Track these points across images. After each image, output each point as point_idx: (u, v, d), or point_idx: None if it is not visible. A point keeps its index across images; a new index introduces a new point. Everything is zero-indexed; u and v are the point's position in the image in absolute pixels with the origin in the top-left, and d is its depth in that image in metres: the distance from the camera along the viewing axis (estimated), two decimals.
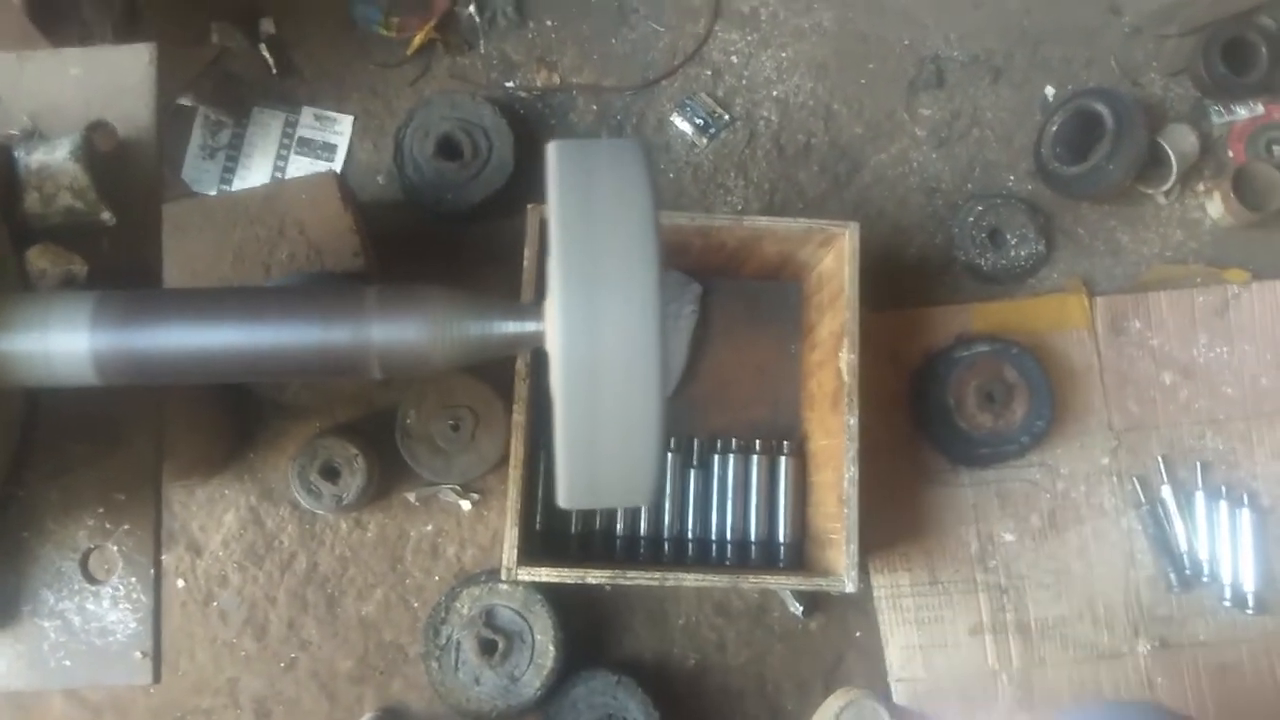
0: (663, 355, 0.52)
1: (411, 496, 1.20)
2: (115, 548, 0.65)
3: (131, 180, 0.71)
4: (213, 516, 1.18)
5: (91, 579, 0.65)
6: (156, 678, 0.63)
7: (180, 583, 1.16)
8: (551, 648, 1.12)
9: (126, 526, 0.64)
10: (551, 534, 1.15)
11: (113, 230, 0.68)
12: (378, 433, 1.17)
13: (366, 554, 1.19)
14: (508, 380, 1.04)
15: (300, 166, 1.24)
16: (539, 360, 0.98)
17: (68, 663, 0.64)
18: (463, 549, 1.21)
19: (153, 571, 0.63)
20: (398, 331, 0.53)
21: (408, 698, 1.17)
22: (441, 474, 1.17)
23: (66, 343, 0.52)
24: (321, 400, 1.17)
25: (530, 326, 0.55)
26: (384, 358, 0.53)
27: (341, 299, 0.53)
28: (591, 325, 0.50)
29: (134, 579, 0.64)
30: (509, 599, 1.14)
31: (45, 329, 0.52)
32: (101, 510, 0.65)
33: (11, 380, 0.52)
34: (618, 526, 1.16)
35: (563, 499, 0.55)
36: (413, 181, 1.22)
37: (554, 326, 0.51)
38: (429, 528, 1.21)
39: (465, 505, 1.21)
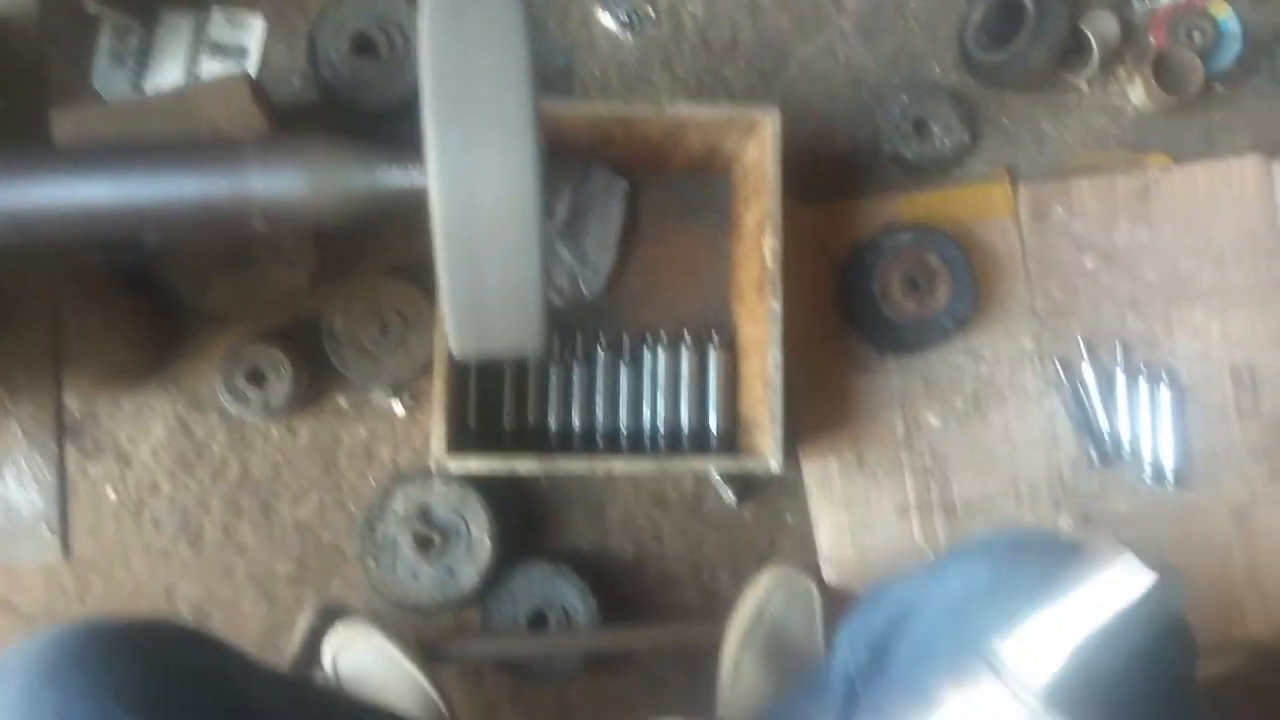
0: (542, 200, 0.52)
1: (343, 401, 1.20)
2: (17, 427, 0.64)
3: (16, 63, 0.69)
4: (140, 426, 1.17)
5: None
6: (65, 553, 0.63)
7: (111, 493, 1.16)
8: (488, 540, 1.14)
9: (28, 406, 0.63)
10: (485, 432, 1.16)
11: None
12: (304, 338, 1.17)
13: (299, 459, 1.19)
14: (434, 281, 1.03)
15: (212, 70, 1.21)
16: None
17: None
18: (397, 451, 1.21)
19: (56, 450, 0.63)
20: (278, 181, 0.53)
21: (347, 596, 1.18)
22: (371, 377, 1.17)
23: None
24: (246, 307, 1.15)
25: (418, 177, 0.54)
26: (267, 209, 0.53)
27: (219, 150, 0.52)
28: (467, 170, 0.50)
29: (37, 457, 0.64)
30: (444, 496, 1.15)
31: None
32: (2, 388, 0.64)
33: None
34: (550, 422, 1.17)
35: (454, 348, 0.55)
36: (329, 82, 1.19)
37: (430, 174, 0.50)
38: (362, 432, 1.21)
39: (398, 408, 1.21)
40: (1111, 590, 0.56)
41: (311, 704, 0.72)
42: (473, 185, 0.49)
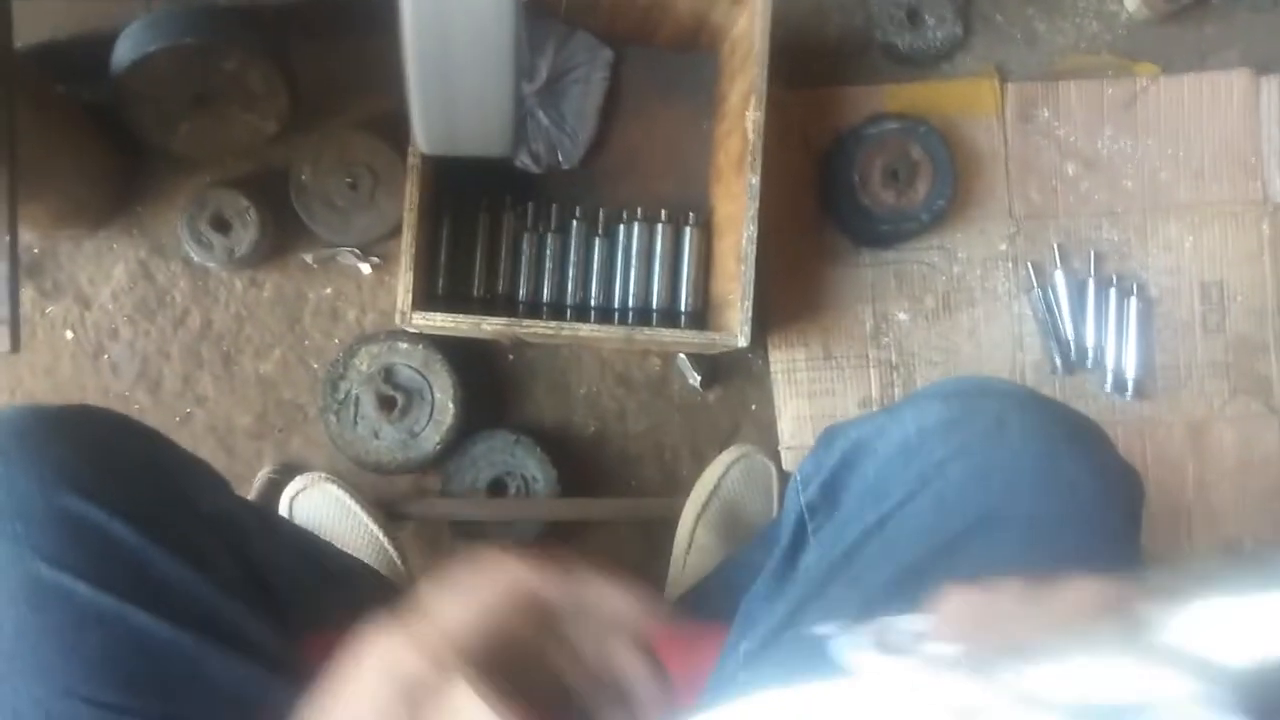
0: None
1: (309, 258, 1.18)
2: None
3: None
4: (101, 269, 1.15)
5: None
6: (15, 347, 0.61)
7: (69, 334, 1.14)
8: (451, 405, 1.13)
9: None
10: (454, 297, 1.14)
11: None
12: (271, 188, 1.14)
13: (263, 314, 1.18)
14: (406, 138, 1.01)
15: None
16: None
17: None
18: (363, 313, 1.20)
19: (8, 239, 0.61)
20: None
21: (307, 453, 1.17)
22: (339, 233, 1.15)
23: None
24: (213, 151, 1.12)
25: None
26: None
27: None
28: None
29: None
30: (408, 357, 1.14)
31: None
32: None
33: None
34: (520, 292, 1.16)
35: (421, 142, 0.54)
36: None
37: None
38: (328, 290, 1.19)
39: (365, 269, 1.19)
40: None
41: (261, 516, 0.72)
42: None
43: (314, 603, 0.68)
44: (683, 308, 1.17)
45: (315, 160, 1.12)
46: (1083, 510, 0.58)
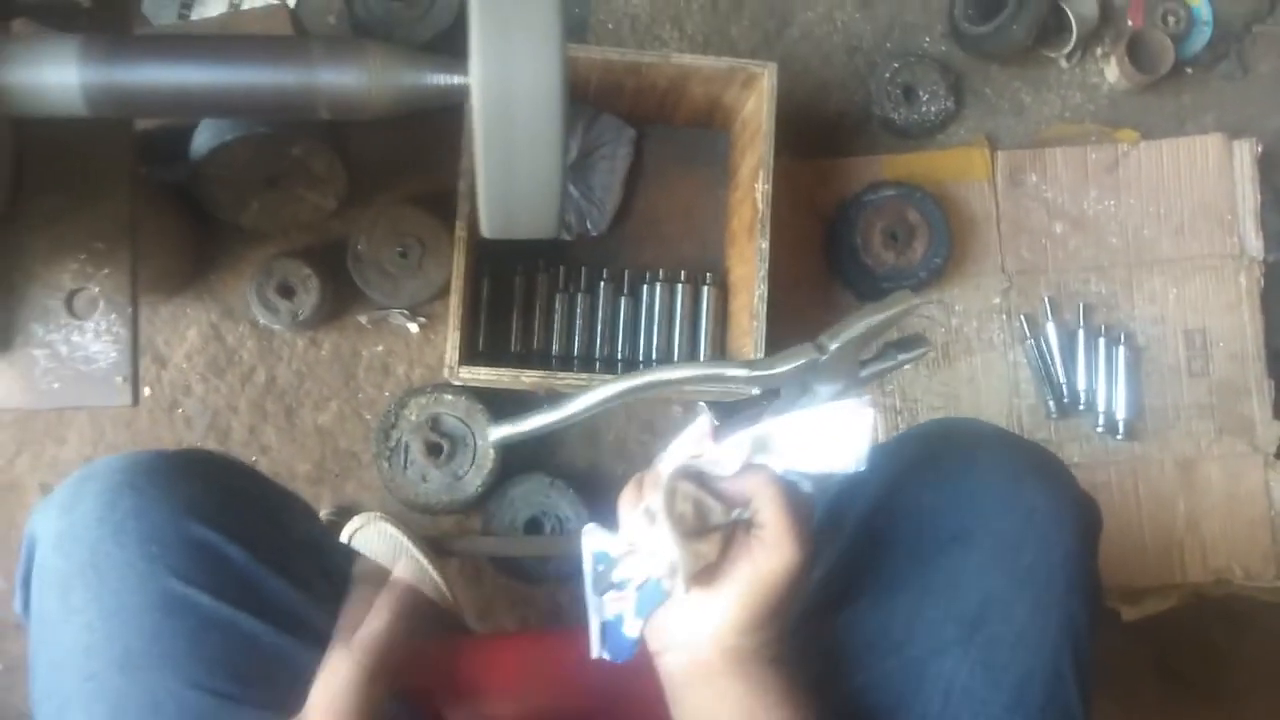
0: (566, 102, 0.62)
1: (363, 319, 1.30)
2: (96, 289, 0.74)
3: None
4: (176, 332, 1.27)
5: (76, 315, 0.75)
6: (135, 400, 0.73)
7: (146, 390, 1.26)
8: (492, 451, 1.24)
9: (106, 271, 0.73)
10: (493, 352, 1.26)
11: (87, 12, 0.76)
12: (330, 258, 1.27)
13: (322, 370, 1.30)
14: (452, 212, 1.13)
15: (254, 2, 1.30)
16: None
17: (57, 385, 0.74)
18: (411, 368, 1.31)
19: (130, 310, 0.73)
20: (340, 77, 0.62)
21: (361, 496, 1.28)
22: (391, 297, 1.27)
23: (58, 76, 0.61)
24: (279, 226, 1.25)
25: (456, 79, 0.64)
26: (330, 100, 0.63)
27: (292, 47, 0.62)
28: (504, 75, 0.60)
29: (114, 316, 0.74)
30: (453, 408, 1.25)
31: (39, 64, 0.60)
32: (84, 256, 0.74)
33: (11, 110, 0.61)
34: (553, 346, 1.28)
35: (484, 228, 0.65)
36: (362, 20, 1.29)
37: (473, 77, 0.60)
38: (380, 348, 1.31)
39: (413, 328, 1.31)
40: None
41: (336, 546, 0.83)
42: (509, 84, 0.59)
43: None
44: (702, 360, 1.28)
45: (370, 232, 1.25)
46: (1040, 530, 0.67)
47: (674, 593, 0.56)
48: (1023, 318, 1.36)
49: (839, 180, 1.37)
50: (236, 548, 0.66)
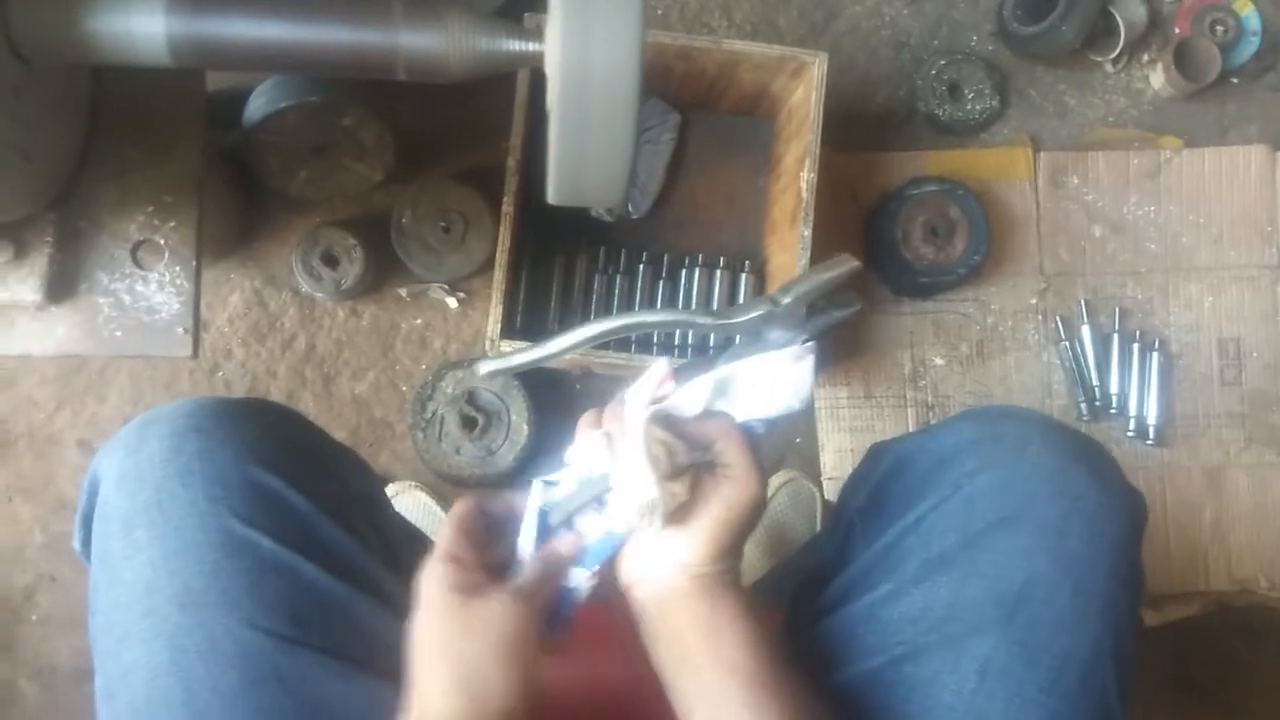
0: (640, 75, 0.62)
1: (403, 291, 1.32)
2: (162, 241, 0.76)
3: None
4: (219, 296, 1.29)
5: (141, 265, 0.76)
6: (195, 352, 0.74)
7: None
8: (525, 427, 1.25)
9: (173, 224, 0.75)
10: (530, 329, 1.27)
11: None
12: (375, 230, 1.28)
13: (361, 340, 1.31)
14: (496, 189, 1.15)
15: None
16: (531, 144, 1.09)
17: (119, 334, 0.76)
18: (448, 342, 1.33)
19: (195, 263, 0.74)
20: (420, 39, 0.64)
21: (394, 466, 1.30)
22: (432, 271, 1.29)
23: (145, 25, 0.62)
24: (326, 196, 1.27)
25: (532, 46, 0.65)
26: (408, 61, 0.64)
27: (373, 7, 0.63)
28: (585, 45, 0.61)
29: (178, 268, 0.75)
30: (489, 383, 1.26)
31: (128, 12, 0.62)
32: (151, 209, 0.75)
33: (99, 57, 0.62)
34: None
35: (551, 195, 0.66)
36: None
37: (554, 46, 0.61)
38: (418, 321, 1.32)
39: (452, 303, 1.32)
40: None
41: (387, 502, 0.84)
42: (589, 50, 0.59)
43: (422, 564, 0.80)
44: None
45: (414, 206, 1.26)
46: (1085, 517, 0.67)
47: (649, 529, 0.62)
48: (1059, 319, 1.37)
49: (881, 173, 1.38)
50: (296, 494, 0.67)
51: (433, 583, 0.61)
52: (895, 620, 0.66)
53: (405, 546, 0.77)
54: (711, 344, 1.28)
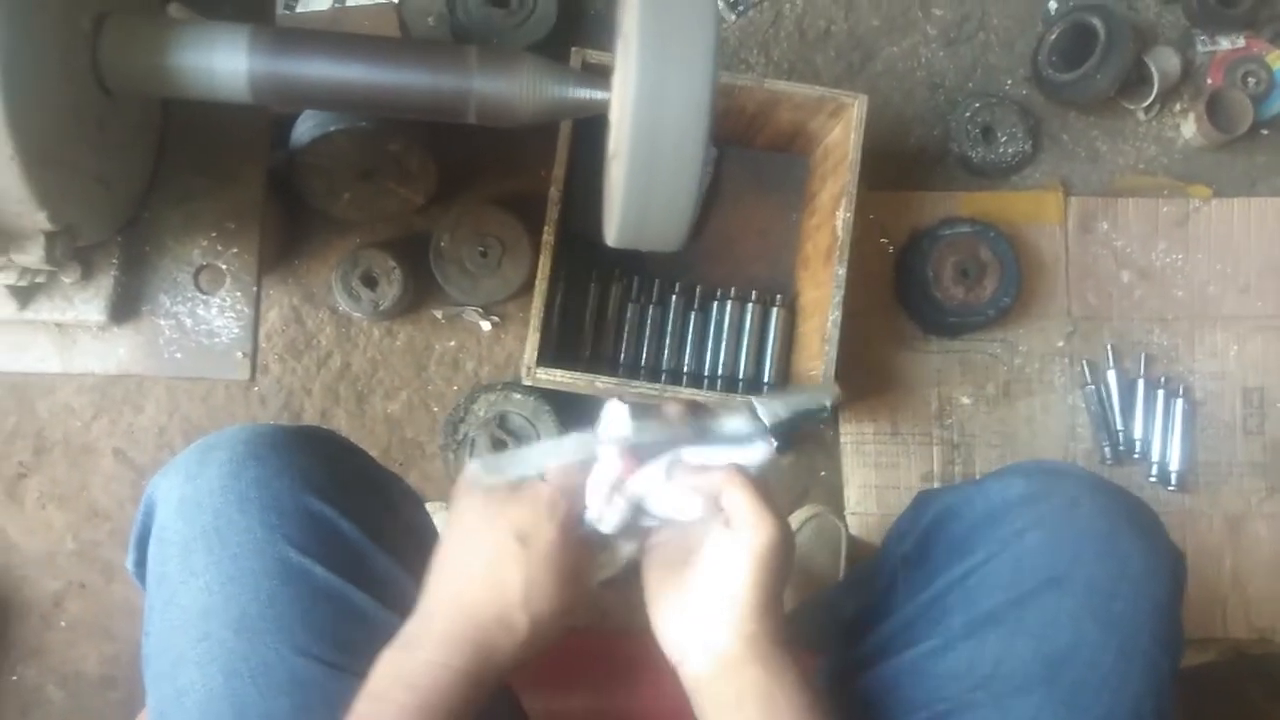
0: (711, 125, 0.64)
1: (439, 313, 1.33)
2: (224, 267, 0.77)
3: None
4: (259, 312, 1.30)
5: (202, 290, 0.78)
6: (253, 376, 0.76)
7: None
8: None
9: (235, 250, 0.76)
10: (563, 356, 1.29)
11: (234, 0, 0.79)
12: (413, 252, 1.29)
13: (395, 360, 1.33)
14: (532, 215, 1.16)
15: (359, 2, 1.34)
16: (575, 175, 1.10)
17: (179, 356, 0.78)
18: (480, 365, 1.34)
19: (255, 289, 0.76)
20: (493, 84, 0.65)
21: (423, 487, 1.31)
22: (467, 294, 1.30)
23: (229, 63, 0.64)
24: (367, 217, 1.28)
25: (599, 95, 0.67)
26: (480, 104, 0.65)
27: (449, 52, 0.65)
28: (658, 94, 0.63)
29: (239, 294, 0.77)
30: (521, 407, 1.28)
31: (212, 50, 0.63)
32: (214, 234, 0.77)
33: (181, 93, 0.64)
34: (622, 355, 1.30)
35: (613, 238, 0.68)
36: (462, 24, 1.32)
37: (625, 94, 0.63)
38: (452, 343, 1.34)
39: (486, 326, 1.34)
40: None
41: (435, 532, 0.85)
42: (661, 101, 0.61)
43: None
44: (766, 379, 1.31)
45: (453, 230, 1.28)
46: (1133, 580, 0.69)
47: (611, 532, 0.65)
48: (1085, 363, 1.38)
49: (912, 212, 1.39)
50: (348, 523, 0.69)
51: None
52: (940, 675, 0.67)
53: None
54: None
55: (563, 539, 0.63)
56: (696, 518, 0.65)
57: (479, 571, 0.63)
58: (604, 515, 0.65)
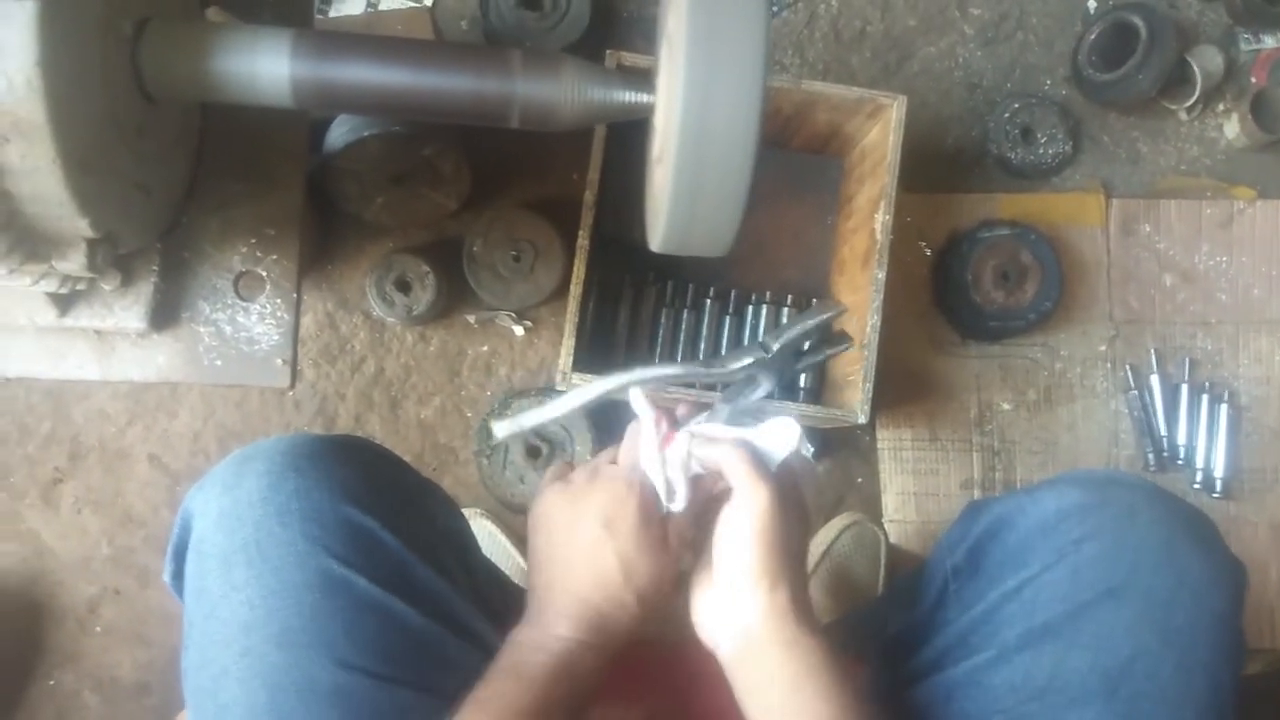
0: (761, 129, 0.63)
1: (471, 318, 1.33)
2: (264, 273, 0.77)
3: None
4: None
5: (242, 296, 0.77)
6: (292, 383, 0.75)
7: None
8: (589, 456, 1.25)
9: (274, 256, 0.76)
10: (596, 360, 1.27)
11: (273, 3, 0.78)
12: (446, 257, 1.29)
13: (428, 365, 1.32)
14: (565, 220, 1.15)
15: (393, 3, 1.34)
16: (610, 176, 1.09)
17: (219, 363, 0.77)
18: (513, 370, 1.33)
19: (295, 295, 0.75)
20: (536, 88, 0.64)
21: (456, 491, 1.30)
22: (501, 299, 1.29)
23: (271, 67, 0.63)
24: (401, 222, 1.28)
25: (644, 98, 0.66)
26: (524, 109, 0.64)
27: (493, 56, 0.64)
28: (707, 97, 0.61)
29: (279, 300, 0.77)
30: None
31: (254, 54, 0.63)
32: (254, 241, 0.77)
33: (222, 97, 0.63)
34: (656, 361, 1.29)
35: (658, 244, 0.67)
36: (495, 28, 1.31)
37: (671, 98, 0.61)
38: (485, 348, 1.33)
39: (519, 331, 1.33)
40: None
41: (474, 540, 0.85)
42: (710, 106, 0.60)
43: (506, 608, 0.80)
44: (802, 384, 1.29)
45: (486, 234, 1.27)
46: (1192, 591, 0.67)
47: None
48: (1128, 367, 1.35)
49: (951, 215, 1.37)
50: (389, 534, 0.68)
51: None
52: (996, 687, 0.65)
53: (491, 588, 0.77)
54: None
55: (644, 515, 0.66)
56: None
57: (578, 564, 0.66)
58: (662, 483, 0.68)
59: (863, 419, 1.14)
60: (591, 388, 0.71)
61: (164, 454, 1.29)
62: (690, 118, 0.60)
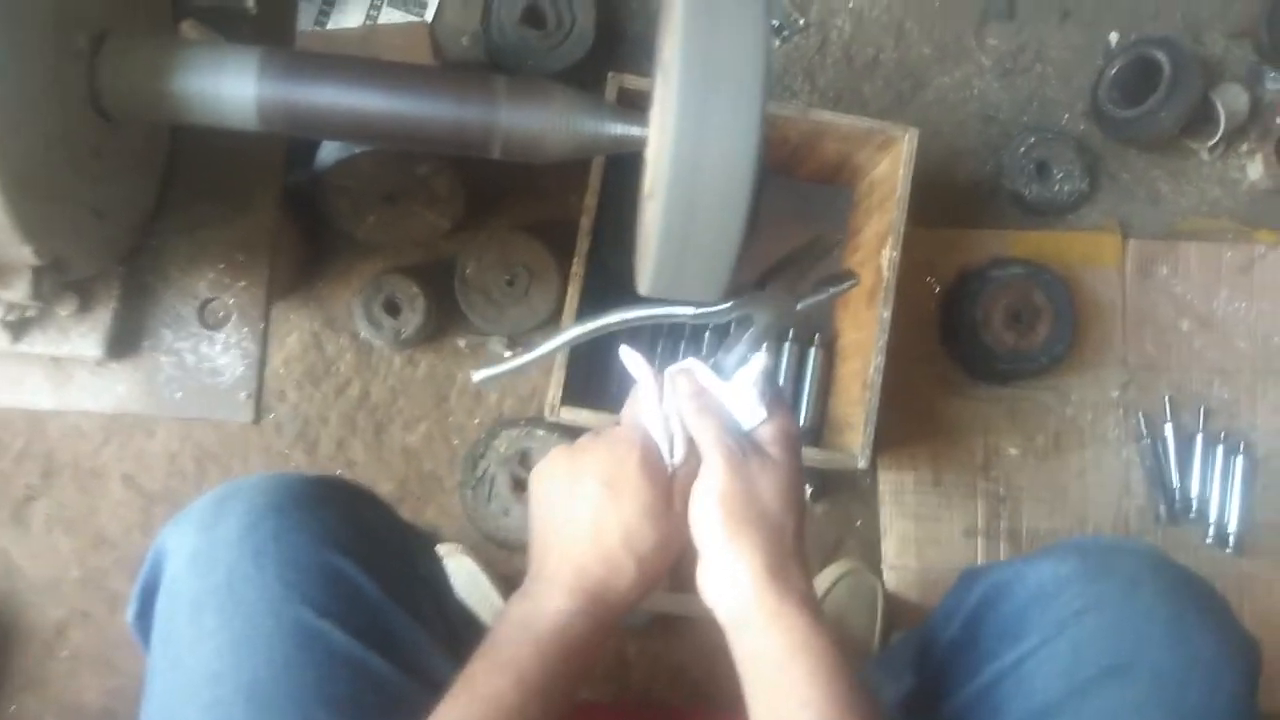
0: (758, 171, 0.58)
1: (462, 342, 1.28)
2: (231, 300, 0.73)
3: None
4: (277, 337, 1.25)
5: (207, 324, 0.73)
6: (257, 418, 0.71)
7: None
8: None
9: (244, 283, 0.72)
10: (588, 391, 1.23)
11: (253, 19, 0.75)
12: (438, 279, 1.25)
13: (415, 389, 1.28)
14: (562, 243, 1.11)
15: (392, 17, 1.30)
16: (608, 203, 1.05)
17: (179, 395, 0.73)
18: (504, 397, 1.29)
19: (262, 326, 0.71)
20: (521, 117, 0.60)
21: (439, 522, 1.26)
22: (493, 324, 1.25)
23: (236, 88, 0.59)
24: (392, 241, 1.24)
25: (635, 131, 0.61)
26: (506, 139, 0.60)
27: (476, 82, 0.60)
28: (700, 134, 0.57)
29: (245, 330, 0.72)
30: (544, 444, 1.22)
31: (219, 74, 0.59)
32: (222, 266, 0.73)
33: (184, 119, 0.59)
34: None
35: (646, 288, 0.62)
36: (497, 45, 1.27)
37: (665, 132, 0.57)
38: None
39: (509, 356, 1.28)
40: None
41: (450, 587, 0.80)
42: (704, 144, 0.56)
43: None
44: (801, 423, 1.24)
45: (480, 256, 1.23)
46: (1205, 671, 0.62)
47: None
48: (1141, 415, 1.30)
49: (961, 251, 1.33)
50: (368, 580, 0.65)
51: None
52: None
53: (465, 633, 0.73)
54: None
55: (646, 474, 0.64)
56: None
57: (575, 525, 0.64)
58: (664, 436, 0.67)
59: (863, 463, 1.10)
60: (573, 329, 0.69)
61: (139, 474, 1.24)
62: (682, 153, 0.56)
